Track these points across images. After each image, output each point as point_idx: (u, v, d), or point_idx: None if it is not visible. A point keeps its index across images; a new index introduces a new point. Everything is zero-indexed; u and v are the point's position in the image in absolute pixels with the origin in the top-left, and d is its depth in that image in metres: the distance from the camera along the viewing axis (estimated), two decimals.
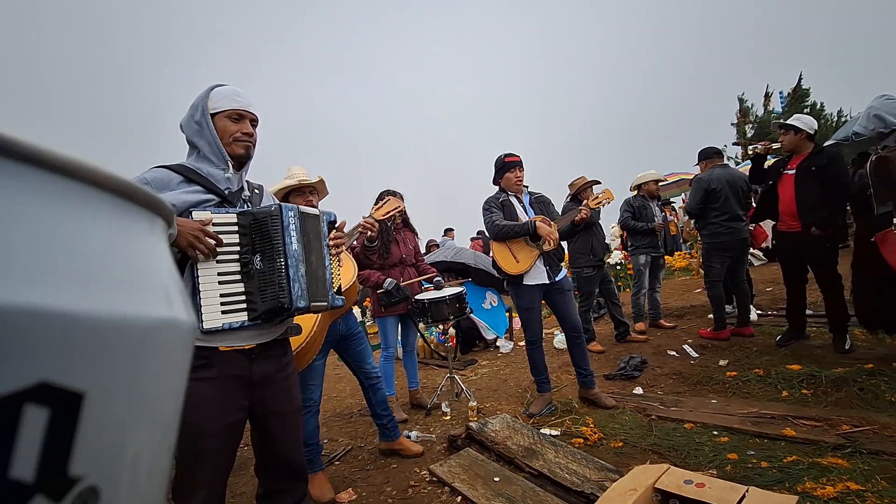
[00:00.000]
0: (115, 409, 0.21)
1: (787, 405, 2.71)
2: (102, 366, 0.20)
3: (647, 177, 4.77)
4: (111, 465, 0.21)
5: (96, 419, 0.20)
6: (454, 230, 11.02)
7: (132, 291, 0.23)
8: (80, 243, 0.21)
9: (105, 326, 0.20)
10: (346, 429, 3.33)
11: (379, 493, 2.30)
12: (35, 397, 0.18)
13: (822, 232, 3.23)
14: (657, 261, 4.79)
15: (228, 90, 1.50)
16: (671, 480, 1.63)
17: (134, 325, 0.22)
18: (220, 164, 1.48)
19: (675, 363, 3.76)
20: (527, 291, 3.00)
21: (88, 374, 0.20)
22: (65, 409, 0.19)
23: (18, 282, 0.18)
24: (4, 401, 0.17)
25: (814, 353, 3.32)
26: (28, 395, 0.17)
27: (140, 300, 0.23)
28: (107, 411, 0.20)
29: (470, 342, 5.31)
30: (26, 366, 0.17)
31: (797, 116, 3.43)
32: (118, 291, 0.22)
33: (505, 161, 3.05)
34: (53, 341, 0.18)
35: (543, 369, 3.10)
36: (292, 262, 1.40)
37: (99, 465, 0.21)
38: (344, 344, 2.54)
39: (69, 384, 0.19)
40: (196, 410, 1.34)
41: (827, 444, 2.18)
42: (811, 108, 12.41)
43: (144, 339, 0.23)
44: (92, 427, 0.20)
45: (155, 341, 0.24)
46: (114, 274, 0.23)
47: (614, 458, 2.33)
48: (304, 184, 2.40)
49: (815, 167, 3.25)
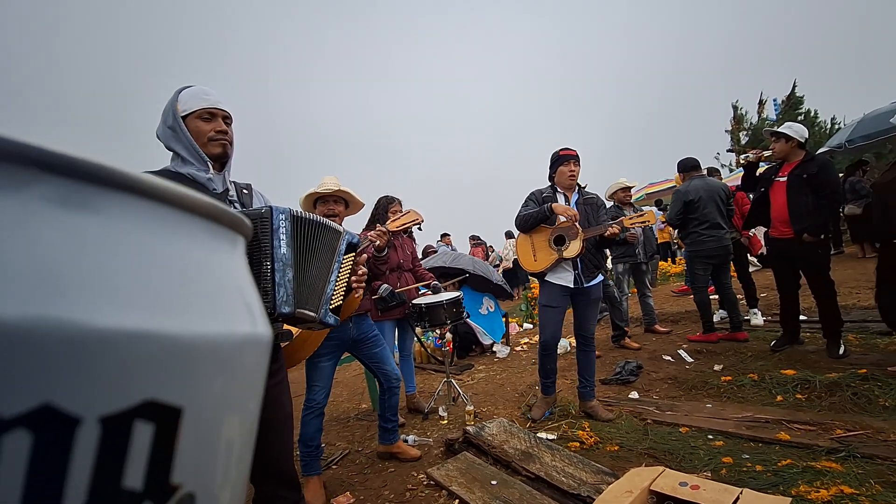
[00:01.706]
0: (208, 421, 0.22)
1: (781, 409, 2.73)
2: (198, 382, 0.22)
3: (615, 186, 4.76)
4: (205, 473, 0.23)
5: (192, 431, 0.22)
6: (450, 235, 11.06)
7: (223, 310, 0.25)
8: (177, 268, 0.23)
9: (200, 345, 0.22)
10: (344, 433, 3.33)
11: (377, 496, 2.31)
12: (142, 414, 0.19)
13: (814, 238, 3.28)
14: (638, 267, 4.82)
15: (196, 90, 1.48)
16: (666, 483, 1.65)
17: (225, 342, 0.24)
18: (200, 165, 1.46)
19: (670, 368, 3.78)
20: (549, 289, 2.93)
21: (186, 390, 0.21)
22: (167, 423, 0.21)
23: (124, 308, 0.19)
24: (117, 419, 0.19)
25: (808, 359, 3.35)
26: (137, 412, 0.19)
27: (229, 318, 0.25)
28: (201, 423, 0.22)
29: (467, 347, 5.32)
30: (134, 386, 0.19)
31: (788, 125, 3.48)
32: (211, 311, 0.24)
33: (559, 154, 2.96)
34: (157, 362, 0.20)
35: (552, 373, 3.04)
36: (279, 266, 1.36)
37: (195, 474, 0.22)
38: (358, 347, 2.51)
39: (170, 401, 0.20)
40: None
41: (821, 448, 2.21)
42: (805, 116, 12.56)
43: (233, 354, 0.25)
44: (189, 439, 0.21)
45: (242, 355, 0.25)
46: (207, 294, 0.24)
47: (610, 461, 2.35)
48: (325, 193, 2.40)
49: (807, 174, 3.30)
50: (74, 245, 0.18)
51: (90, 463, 0.18)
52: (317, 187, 2.44)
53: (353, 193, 2.47)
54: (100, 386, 0.18)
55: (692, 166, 4.44)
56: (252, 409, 0.27)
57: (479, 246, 11.76)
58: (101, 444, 0.18)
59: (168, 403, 0.20)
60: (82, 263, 0.19)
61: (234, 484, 0.25)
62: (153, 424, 0.20)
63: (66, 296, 0.17)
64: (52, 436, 0.17)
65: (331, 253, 1.57)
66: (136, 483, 0.19)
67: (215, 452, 0.23)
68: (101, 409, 0.18)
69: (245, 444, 0.26)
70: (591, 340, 3.03)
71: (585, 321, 3.00)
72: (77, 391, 0.17)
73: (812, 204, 3.26)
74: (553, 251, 2.88)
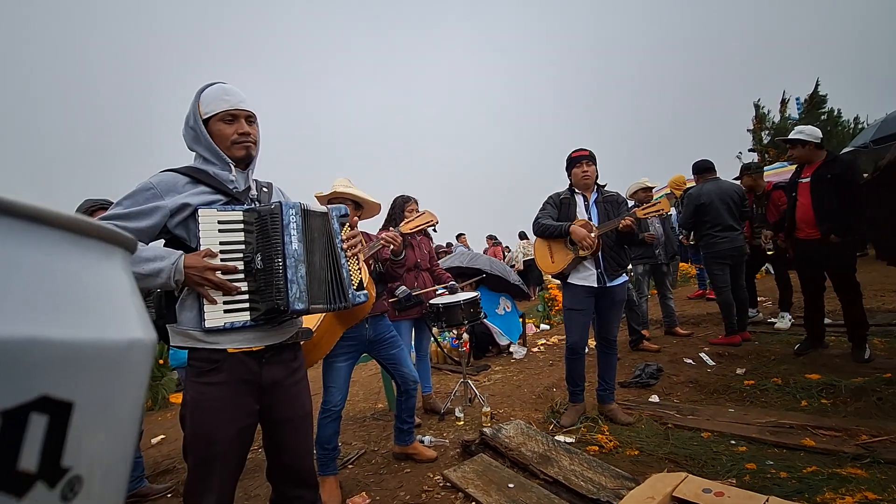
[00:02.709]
0: (95, 414, 0.26)
1: (805, 415, 2.67)
2: (87, 381, 0.25)
3: (636, 185, 4.74)
4: (91, 458, 0.26)
5: (81, 423, 0.25)
6: (465, 235, 11.05)
7: (109, 317, 0.29)
8: (60, 281, 0.26)
9: (89, 349, 0.26)
10: (360, 432, 3.35)
11: (392, 497, 2.31)
12: (38, 407, 0.23)
13: (840, 239, 3.22)
14: (659, 268, 4.78)
15: (217, 90, 1.45)
16: (689, 489, 1.62)
17: (111, 346, 0.28)
18: (223, 167, 1.47)
19: (691, 371, 3.72)
20: (572, 291, 2.90)
21: (76, 387, 0.25)
22: (59, 415, 0.24)
23: (18, 318, 0.23)
24: (15, 411, 0.22)
25: (833, 363, 3.27)
26: (33, 406, 0.22)
27: (115, 324, 0.29)
28: (89, 416, 0.26)
29: (483, 347, 5.30)
30: (31, 384, 0.22)
31: (799, 129, 3.48)
32: (98, 318, 0.28)
33: (572, 156, 2.94)
34: (51, 363, 0.23)
35: (580, 380, 2.99)
36: (291, 263, 1.36)
37: (82, 459, 0.26)
38: (375, 348, 2.51)
39: (62, 396, 0.24)
40: (207, 415, 1.35)
41: (846, 454, 2.15)
42: (828, 115, 12.25)
43: (119, 357, 0.28)
44: (78, 429, 0.25)
45: (127, 357, 0.29)
46: (89, 303, 0.28)
47: (630, 466, 2.32)
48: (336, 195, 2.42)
49: (831, 174, 3.26)
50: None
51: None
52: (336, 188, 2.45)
53: (363, 195, 2.48)
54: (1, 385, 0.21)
55: (706, 168, 4.48)
56: (136, 403, 0.31)
57: (498, 246, 11.73)
58: (1, 432, 0.21)
59: (60, 399, 0.24)
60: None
61: (118, 465, 0.29)
62: (47, 416, 0.23)
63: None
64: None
65: (331, 237, 1.56)
66: (31, 465, 0.23)
67: (101, 440, 0.26)
68: (3, 403, 0.21)
69: (128, 431, 0.30)
70: (613, 343, 3.00)
71: (609, 324, 2.96)
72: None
73: (837, 204, 3.22)
74: (569, 251, 2.87)
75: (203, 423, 1.36)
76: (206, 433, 1.35)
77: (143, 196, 1.34)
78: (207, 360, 1.37)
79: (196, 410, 1.37)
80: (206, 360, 1.37)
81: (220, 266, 1.33)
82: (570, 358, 2.97)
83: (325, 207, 1.59)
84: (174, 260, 1.28)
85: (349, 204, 2.45)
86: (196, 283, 1.30)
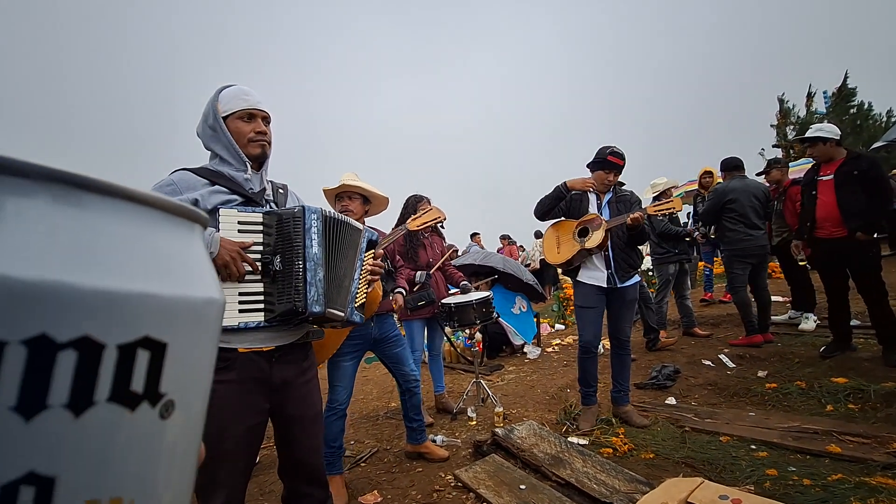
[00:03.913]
0: (183, 355, 0.34)
1: (831, 420, 2.57)
2: (177, 328, 0.34)
3: (668, 183, 4.69)
4: (180, 389, 0.34)
5: (172, 360, 0.33)
6: (480, 234, 11.02)
7: (193, 278, 0.37)
8: (165, 250, 0.34)
9: (179, 302, 0.34)
10: (373, 431, 3.35)
11: (404, 496, 2.31)
12: (143, 345, 0.30)
13: (867, 237, 3.15)
14: (683, 267, 4.71)
15: (236, 90, 1.49)
16: (705, 495, 1.57)
17: (194, 301, 0.36)
18: (239, 166, 1.48)
19: (710, 373, 3.63)
20: (583, 289, 2.87)
21: (169, 332, 0.33)
22: (157, 352, 0.32)
23: (136, 277, 0.31)
24: (128, 346, 0.30)
25: (861, 366, 3.15)
26: (139, 343, 0.30)
27: (197, 284, 0.37)
28: (178, 356, 0.34)
29: (496, 347, 5.27)
30: (139, 328, 0.30)
31: (817, 127, 3.44)
32: (186, 279, 0.36)
33: (608, 158, 2.83)
34: (152, 312, 0.31)
35: (593, 381, 2.94)
36: (311, 266, 1.37)
37: (174, 388, 0.34)
38: (379, 347, 2.54)
39: (159, 338, 0.32)
40: (217, 413, 1.35)
41: (876, 462, 2.06)
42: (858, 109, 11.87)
43: (200, 310, 0.36)
44: (170, 364, 0.33)
45: (205, 311, 0.37)
46: (182, 267, 0.36)
47: (645, 469, 2.26)
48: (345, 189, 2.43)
49: (858, 171, 3.19)
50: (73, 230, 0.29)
51: (111, 371, 0.29)
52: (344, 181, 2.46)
53: (371, 189, 2.47)
54: (116, 327, 0.29)
55: (734, 166, 4.43)
56: (210, 349, 0.39)
57: (512, 245, 11.67)
58: (118, 360, 0.29)
59: (158, 339, 0.32)
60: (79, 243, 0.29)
61: (200, 398, 0.38)
62: (149, 352, 0.31)
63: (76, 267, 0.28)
64: (90, 355, 0.28)
65: (354, 251, 1.58)
66: (139, 388, 0.31)
67: (188, 376, 0.35)
68: (117, 339, 0.29)
69: (206, 374, 0.39)
70: (626, 344, 2.94)
71: (620, 323, 2.91)
72: (107, 330, 0.29)
73: (864, 201, 3.16)
74: (576, 243, 2.83)
75: (213, 421, 1.36)
76: (216, 431, 1.36)
77: (164, 191, 1.37)
78: (219, 359, 1.37)
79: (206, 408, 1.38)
80: (217, 359, 1.37)
81: (247, 257, 1.35)
82: (584, 357, 2.92)
83: (360, 225, 1.63)
84: (210, 231, 1.30)
85: (357, 198, 2.46)
86: (224, 261, 1.31)
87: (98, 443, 0.29)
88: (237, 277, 1.34)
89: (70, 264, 0.28)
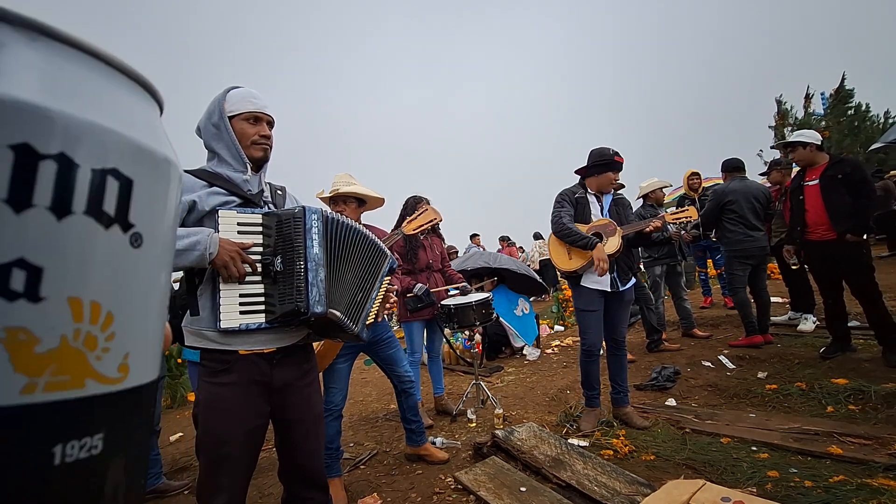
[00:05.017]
0: (147, 194, 0.41)
1: (832, 421, 2.56)
2: (141, 171, 0.40)
3: (654, 185, 4.65)
4: (147, 223, 0.41)
5: (138, 196, 0.39)
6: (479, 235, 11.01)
7: (154, 137, 0.44)
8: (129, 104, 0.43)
9: (143, 150, 0.41)
10: (372, 433, 3.34)
11: (404, 498, 2.29)
12: (112, 174, 0.37)
13: (857, 238, 3.19)
14: (673, 269, 4.70)
15: (245, 92, 1.49)
16: (707, 497, 1.56)
17: (157, 154, 0.43)
18: (239, 167, 1.48)
19: (710, 374, 3.62)
20: (586, 293, 2.84)
21: (135, 172, 0.39)
22: (125, 185, 0.38)
23: (101, 115, 0.38)
24: (97, 172, 0.36)
25: (862, 367, 3.15)
26: (109, 171, 0.37)
27: (157, 143, 0.44)
28: (143, 193, 0.40)
29: (496, 348, 5.26)
30: (109, 159, 0.38)
31: (799, 132, 3.54)
32: (149, 134, 0.42)
33: (614, 160, 2.80)
34: (122, 151, 0.39)
35: (596, 384, 2.93)
36: (312, 266, 1.37)
37: (142, 221, 0.40)
38: (373, 349, 2.53)
39: (126, 173, 0.38)
40: (218, 415, 1.35)
41: (877, 464, 2.05)
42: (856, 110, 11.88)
43: (159, 164, 0.43)
44: (137, 199, 0.39)
45: (163, 167, 0.44)
46: (145, 125, 0.43)
47: (646, 471, 2.25)
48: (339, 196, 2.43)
49: (842, 174, 3.28)
50: None
51: (86, 188, 0.35)
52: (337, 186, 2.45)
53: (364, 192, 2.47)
54: (89, 152, 0.36)
55: (734, 167, 4.45)
56: (170, 201, 0.46)
57: (511, 247, 11.66)
58: (92, 180, 0.35)
59: (125, 174, 0.38)
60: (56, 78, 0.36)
61: (167, 233, 0.46)
62: (118, 182, 0.37)
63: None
64: (67, 169, 0.34)
65: (376, 271, 1.61)
66: (111, 210, 0.37)
67: (152, 213, 0.42)
68: (90, 164, 0.35)
69: (168, 218, 0.45)
70: (623, 344, 2.95)
71: (619, 324, 2.91)
72: (81, 152, 0.35)
73: (851, 204, 3.23)
74: (588, 253, 2.78)
75: (214, 424, 1.36)
76: (217, 433, 1.35)
77: None
78: (219, 361, 1.37)
79: (207, 410, 1.38)
80: (218, 361, 1.37)
81: (247, 258, 1.34)
82: (588, 361, 2.90)
83: (387, 250, 1.67)
84: (209, 233, 1.30)
85: (352, 202, 2.47)
86: (223, 262, 1.30)
87: (79, 247, 0.35)
88: (237, 278, 1.33)
89: (48, 94, 0.34)
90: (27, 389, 0.32)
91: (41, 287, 0.33)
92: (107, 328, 0.37)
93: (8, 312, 0.31)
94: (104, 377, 0.37)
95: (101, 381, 0.37)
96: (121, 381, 0.39)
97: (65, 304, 0.34)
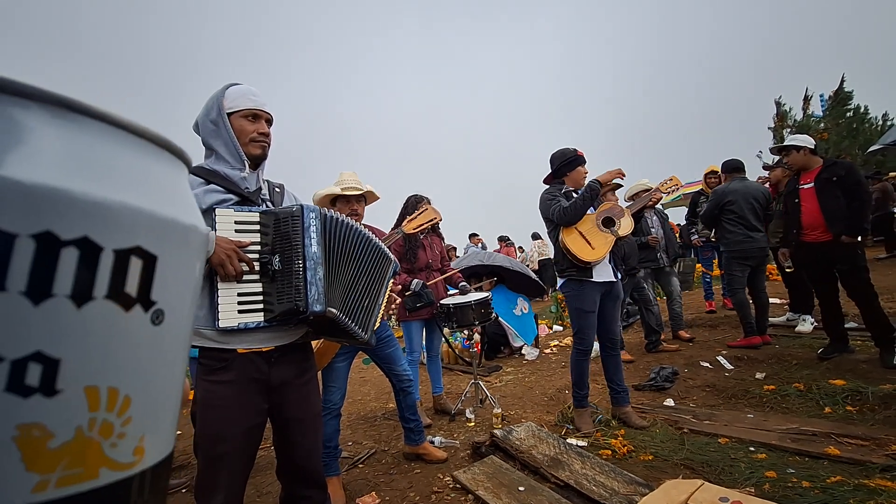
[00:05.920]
0: (171, 270, 0.39)
1: (830, 422, 2.57)
2: (166, 245, 0.38)
3: (638, 187, 4.59)
4: (169, 300, 0.39)
5: (162, 272, 0.38)
6: (479, 235, 11.00)
7: (180, 205, 0.42)
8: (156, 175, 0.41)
9: (169, 223, 0.39)
10: (371, 432, 3.34)
11: (402, 498, 2.29)
12: (136, 253, 0.35)
13: (852, 240, 3.23)
14: (661, 271, 4.66)
15: (244, 89, 1.48)
16: (705, 497, 1.57)
17: (182, 224, 0.41)
18: (236, 164, 1.46)
19: (708, 375, 3.63)
20: (591, 292, 2.79)
21: (160, 247, 0.37)
22: (149, 262, 0.36)
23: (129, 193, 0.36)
24: (120, 254, 0.34)
25: (859, 368, 3.15)
26: (132, 251, 0.35)
27: (184, 211, 0.43)
28: (167, 269, 0.38)
29: (495, 348, 5.27)
30: (132, 238, 0.35)
31: (792, 137, 3.58)
32: (174, 204, 0.41)
33: (577, 155, 2.87)
34: (145, 227, 0.36)
35: (587, 385, 2.93)
36: (310, 265, 1.36)
37: (164, 298, 0.38)
38: (372, 348, 2.53)
39: (151, 250, 0.36)
40: (216, 414, 1.35)
41: (875, 464, 2.06)
42: (854, 112, 11.90)
43: (185, 233, 0.42)
44: (160, 276, 0.37)
45: (190, 235, 0.42)
46: (171, 194, 0.42)
47: (644, 471, 2.26)
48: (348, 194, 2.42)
49: (836, 177, 3.33)
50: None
51: (109, 271, 0.33)
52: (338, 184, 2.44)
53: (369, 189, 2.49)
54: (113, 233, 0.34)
55: (734, 168, 4.45)
56: (195, 270, 0.45)
57: (510, 247, 11.65)
58: (114, 263, 0.34)
59: (149, 251, 0.36)
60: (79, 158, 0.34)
61: (187, 309, 0.44)
62: (141, 261, 0.36)
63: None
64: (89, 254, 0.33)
65: (382, 276, 1.61)
66: (133, 291, 0.35)
67: (175, 289, 0.40)
68: (113, 245, 0.33)
69: (192, 289, 0.44)
70: (617, 342, 2.97)
71: (612, 322, 2.93)
72: (105, 234, 0.33)
73: (845, 206, 3.27)
74: (607, 233, 2.81)
75: (212, 422, 1.36)
76: (215, 432, 1.35)
77: None
78: (217, 359, 1.37)
79: (205, 409, 1.37)
80: (216, 359, 1.37)
81: (244, 256, 1.33)
82: (583, 360, 2.90)
83: (391, 255, 1.67)
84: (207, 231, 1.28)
85: (362, 199, 2.48)
86: (220, 260, 1.29)
87: (97, 334, 0.33)
88: (234, 277, 1.32)
89: (71, 175, 0.33)
90: (39, 487, 0.30)
91: (58, 380, 0.31)
92: (123, 413, 0.36)
93: (22, 409, 0.30)
94: (118, 464, 0.36)
95: (115, 468, 0.36)
96: (136, 464, 0.37)
97: (81, 395, 0.33)
